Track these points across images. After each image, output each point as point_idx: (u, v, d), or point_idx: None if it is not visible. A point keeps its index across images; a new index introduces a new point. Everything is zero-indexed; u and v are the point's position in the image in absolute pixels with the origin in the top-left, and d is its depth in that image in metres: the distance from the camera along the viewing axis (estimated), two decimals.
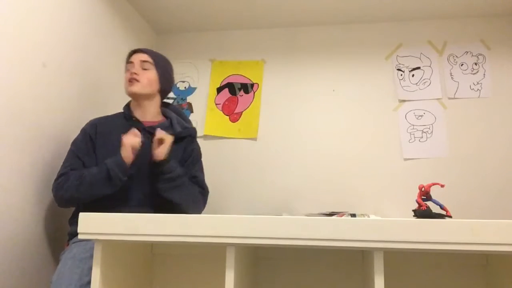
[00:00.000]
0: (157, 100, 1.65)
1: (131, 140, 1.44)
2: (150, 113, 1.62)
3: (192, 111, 2.38)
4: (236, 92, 2.38)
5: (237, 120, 2.34)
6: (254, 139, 2.30)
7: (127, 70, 1.61)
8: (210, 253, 1.34)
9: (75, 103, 1.72)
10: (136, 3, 2.20)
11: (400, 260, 1.28)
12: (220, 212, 2.15)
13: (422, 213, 1.05)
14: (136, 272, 1.27)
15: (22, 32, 1.43)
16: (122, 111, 1.65)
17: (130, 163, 1.44)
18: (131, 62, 1.61)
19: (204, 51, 2.47)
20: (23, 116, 1.43)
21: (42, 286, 1.46)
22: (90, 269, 1.22)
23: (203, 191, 1.65)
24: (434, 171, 2.11)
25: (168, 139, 1.50)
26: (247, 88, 2.38)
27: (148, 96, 1.61)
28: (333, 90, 2.30)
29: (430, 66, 2.24)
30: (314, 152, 2.23)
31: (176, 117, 1.66)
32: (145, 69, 1.59)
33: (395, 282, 1.27)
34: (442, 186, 1.09)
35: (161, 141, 1.49)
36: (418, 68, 2.25)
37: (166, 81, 1.65)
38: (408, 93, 2.23)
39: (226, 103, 2.38)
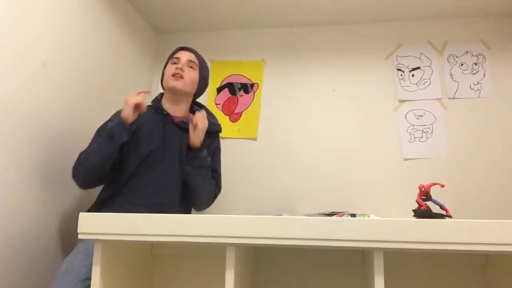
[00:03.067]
0: (190, 99, 1.71)
1: (134, 98, 1.45)
2: (181, 109, 1.66)
3: None
4: (236, 92, 2.39)
5: (237, 120, 2.34)
6: (254, 139, 2.30)
7: (172, 63, 1.64)
8: (210, 253, 1.34)
9: (75, 103, 1.72)
10: (136, 3, 2.20)
11: (400, 260, 1.28)
12: (220, 212, 2.14)
13: (422, 213, 1.05)
14: (136, 272, 1.27)
15: (22, 32, 1.43)
16: (151, 103, 1.67)
17: (131, 121, 1.44)
18: (178, 58, 1.65)
19: (204, 51, 2.44)
20: (23, 116, 1.43)
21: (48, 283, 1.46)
22: None
23: (217, 190, 1.70)
24: (434, 171, 2.11)
25: (202, 125, 1.53)
26: (247, 88, 2.38)
27: (186, 94, 1.65)
28: (333, 90, 2.29)
29: (430, 66, 2.24)
30: (314, 152, 2.23)
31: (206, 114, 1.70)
32: (190, 67, 1.65)
33: (395, 282, 1.27)
34: (442, 186, 1.09)
35: (195, 127, 1.52)
36: (418, 68, 2.25)
37: (204, 85, 1.74)
38: (408, 93, 2.23)
39: (226, 103, 2.38)
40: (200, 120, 1.53)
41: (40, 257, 1.47)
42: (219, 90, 2.40)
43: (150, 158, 1.52)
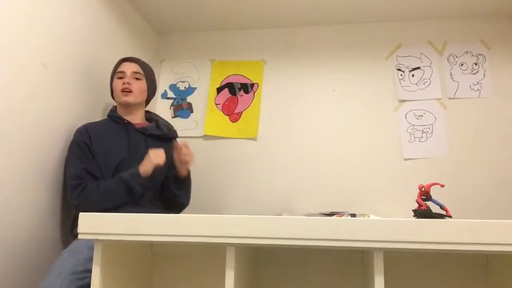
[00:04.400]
0: (143, 107, 1.80)
1: (158, 158, 1.56)
2: (138, 117, 1.75)
3: (192, 111, 2.38)
4: (236, 92, 2.38)
5: (237, 120, 2.34)
6: (254, 139, 2.30)
7: (118, 78, 1.71)
8: (210, 253, 1.34)
9: (75, 103, 1.72)
10: (136, 3, 2.20)
11: (400, 260, 1.28)
12: (220, 212, 2.15)
13: (422, 213, 1.05)
14: (136, 272, 1.27)
15: (22, 32, 1.43)
16: (107, 117, 1.74)
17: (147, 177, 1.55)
18: (122, 72, 1.71)
19: (204, 51, 2.47)
20: (23, 116, 1.43)
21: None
22: (86, 259, 1.27)
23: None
24: (434, 171, 2.11)
25: (192, 159, 1.71)
26: (247, 88, 2.38)
27: (138, 104, 1.74)
28: (333, 90, 2.29)
29: (430, 66, 2.24)
30: (314, 152, 2.23)
31: (161, 120, 1.81)
32: (136, 79, 1.71)
33: (395, 282, 1.27)
34: (442, 186, 1.09)
35: (185, 162, 1.70)
36: (418, 68, 2.25)
37: (152, 91, 1.82)
38: (408, 93, 2.23)
39: (226, 103, 2.38)
40: (189, 156, 1.69)
41: (40, 257, 1.47)
42: (219, 90, 2.40)
43: (121, 166, 1.58)
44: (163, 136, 1.74)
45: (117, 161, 1.58)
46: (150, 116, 1.82)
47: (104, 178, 1.55)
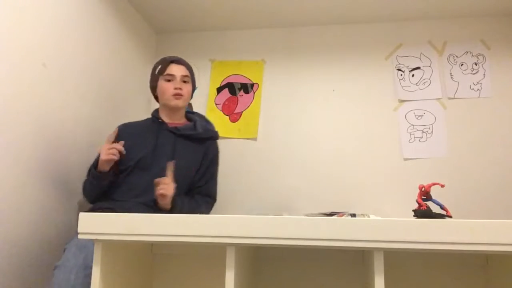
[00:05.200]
0: (185, 107, 1.81)
1: (105, 156, 1.54)
2: (178, 117, 1.76)
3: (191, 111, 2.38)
4: (236, 92, 2.38)
5: (237, 120, 2.34)
6: (254, 139, 2.30)
7: (166, 80, 1.71)
8: (210, 253, 1.34)
9: (75, 103, 1.72)
10: (136, 3, 2.20)
11: (400, 260, 1.28)
12: (220, 212, 2.14)
13: (422, 213, 1.05)
14: (136, 272, 1.27)
15: (22, 32, 1.43)
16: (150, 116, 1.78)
17: (107, 169, 1.57)
18: (172, 75, 1.71)
19: (204, 51, 2.47)
20: (23, 116, 1.43)
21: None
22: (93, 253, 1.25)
23: (210, 200, 1.75)
24: (434, 171, 2.11)
25: (170, 192, 1.52)
26: (247, 88, 2.38)
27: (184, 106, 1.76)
28: (333, 90, 2.30)
29: (430, 66, 2.24)
30: (314, 152, 2.23)
31: (200, 120, 1.78)
32: (184, 82, 1.72)
33: (395, 282, 1.27)
34: (442, 186, 1.09)
35: (164, 196, 1.51)
36: (418, 68, 2.25)
37: (194, 89, 1.82)
38: (408, 93, 2.23)
39: (226, 103, 2.38)
40: (166, 189, 1.51)
41: (40, 258, 1.47)
42: (219, 90, 2.40)
43: (142, 162, 1.61)
44: (195, 136, 1.71)
45: (137, 158, 1.61)
46: (191, 117, 1.80)
47: (124, 171, 1.61)
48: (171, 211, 1.55)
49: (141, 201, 1.54)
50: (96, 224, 1.01)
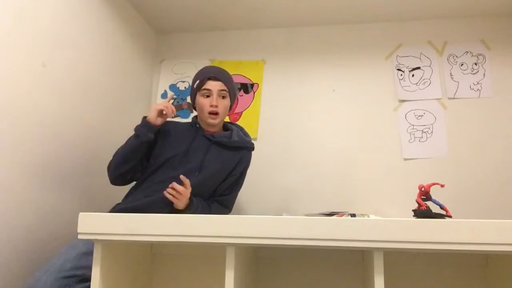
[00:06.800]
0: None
1: (158, 105, 1.59)
2: (216, 128, 1.74)
3: (192, 111, 2.38)
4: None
5: (237, 120, 2.34)
6: (254, 139, 2.30)
7: (203, 95, 1.68)
8: (210, 253, 1.34)
9: (75, 103, 1.72)
10: (136, 3, 2.20)
11: (400, 260, 1.28)
12: None
13: (422, 213, 1.05)
14: (136, 272, 1.27)
15: (22, 32, 1.43)
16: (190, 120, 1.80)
17: (156, 124, 1.59)
18: (209, 90, 1.68)
19: (204, 51, 2.47)
20: (23, 116, 1.43)
21: None
22: (79, 255, 1.27)
23: (226, 211, 1.74)
24: (434, 171, 2.11)
25: (179, 205, 1.50)
26: (247, 88, 2.38)
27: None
28: (333, 90, 2.29)
29: (430, 66, 2.24)
30: (314, 152, 2.23)
31: (237, 130, 1.78)
32: (222, 97, 1.70)
33: (395, 282, 1.27)
34: (442, 186, 1.09)
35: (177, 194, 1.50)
36: (418, 68, 2.25)
37: (233, 101, 1.79)
38: (408, 93, 2.23)
39: None
40: (176, 200, 1.48)
41: (41, 258, 1.47)
42: None
43: (173, 160, 1.62)
44: (229, 144, 1.70)
45: (169, 155, 1.62)
46: (230, 126, 1.80)
47: (153, 166, 1.62)
48: (184, 211, 1.54)
49: (161, 196, 1.49)
50: (96, 224, 1.01)
